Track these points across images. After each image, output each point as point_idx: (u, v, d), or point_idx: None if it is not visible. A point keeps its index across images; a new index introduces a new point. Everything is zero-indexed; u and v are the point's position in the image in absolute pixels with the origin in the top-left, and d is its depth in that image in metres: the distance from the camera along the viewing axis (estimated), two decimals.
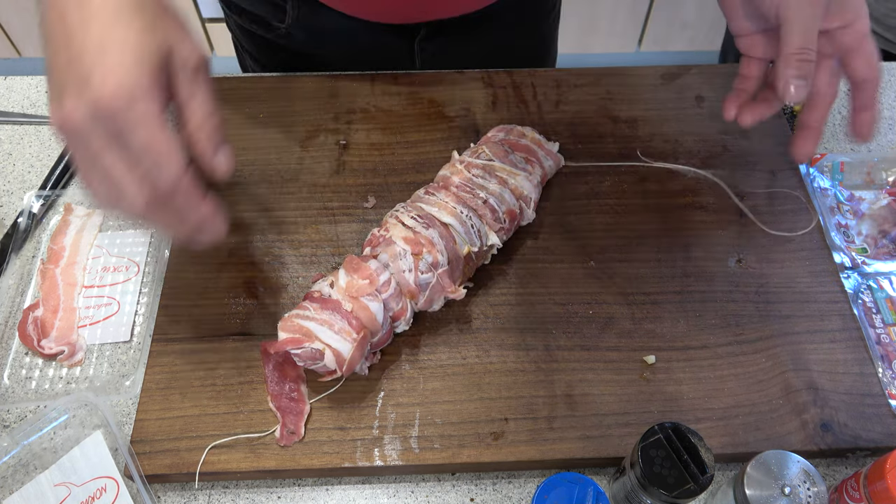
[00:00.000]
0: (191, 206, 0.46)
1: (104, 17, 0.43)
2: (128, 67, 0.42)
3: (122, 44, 0.43)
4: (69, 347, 0.61)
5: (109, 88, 0.42)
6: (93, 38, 0.43)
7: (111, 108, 0.42)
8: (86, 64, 0.42)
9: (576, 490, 0.52)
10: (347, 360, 0.55)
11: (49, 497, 0.55)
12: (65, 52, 0.43)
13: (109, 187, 0.45)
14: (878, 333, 0.62)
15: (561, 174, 0.71)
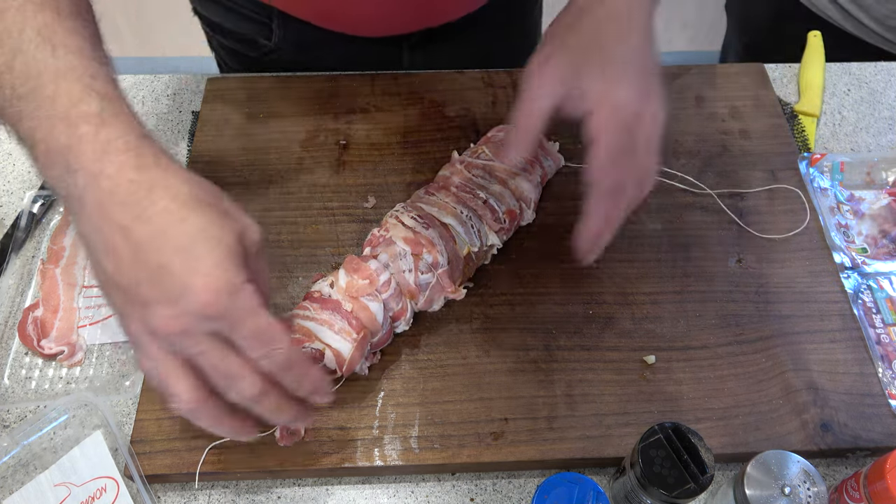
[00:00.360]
0: (304, 375, 0.47)
1: (179, 222, 0.42)
2: (222, 265, 0.42)
3: (205, 243, 0.42)
4: (69, 347, 0.61)
5: (210, 293, 0.42)
6: (172, 245, 0.42)
7: (218, 309, 0.42)
8: (176, 272, 0.42)
9: (576, 490, 0.52)
10: (347, 360, 0.55)
11: (49, 497, 0.55)
12: (138, 267, 0.42)
13: (221, 379, 0.45)
14: (878, 333, 0.62)
15: (561, 174, 0.71)
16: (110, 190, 0.42)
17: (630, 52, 0.54)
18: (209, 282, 0.42)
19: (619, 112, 0.52)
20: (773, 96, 0.78)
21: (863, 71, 0.83)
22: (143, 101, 0.80)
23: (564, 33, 0.55)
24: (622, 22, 0.55)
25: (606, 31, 0.54)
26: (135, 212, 0.42)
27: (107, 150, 0.43)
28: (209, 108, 0.76)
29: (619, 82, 0.53)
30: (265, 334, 0.44)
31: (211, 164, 0.71)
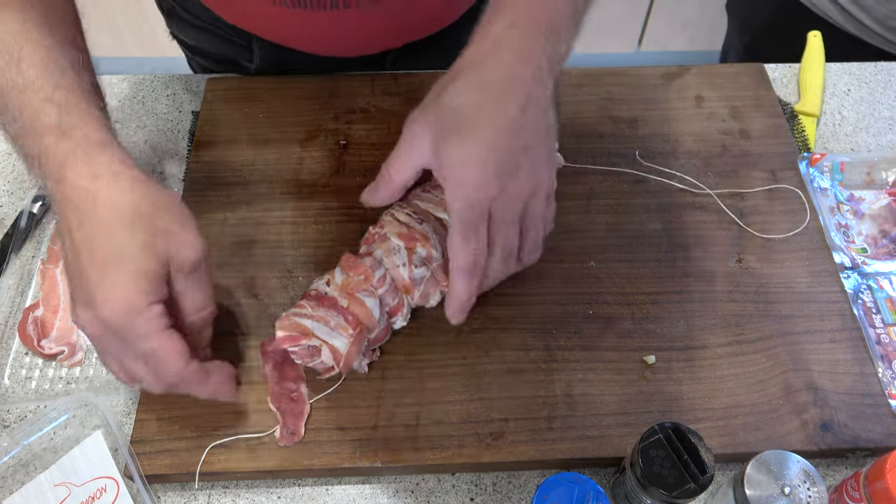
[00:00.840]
0: (199, 388, 0.51)
1: (105, 236, 0.47)
2: (126, 289, 0.46)
3: (119, 263, 0.46)
4: (69, 347, 0.61)
5: (109, 309, 0.46)
6: (96, 257, 0.46)
7: (114, 325, 0.47)
8: (91, 281, 0.46)
9: (576, 490, 0.52)
10: (344, 356, 0.55)
11: (49, 497, 0.55)
12: (75, 264, 0.47)
13: (128, 376, 0.50)
14: (878, 333, 0.62)
15: (561, 174, 0.71)
16: (67, 195, 0.47)
17: (494, 130, 0.51)
18: (109, 300, 0.46)
19: (469, 193, 0.51)
20: (773, 96, 0.78)
21: (863, 71, 0.83)
22: (143, 101, 0.80)
23: (437, 95, 0.53)
24: (495, 93, 0.51)
25: (475, 102, 0.51)
26: (79, 218, 0.47)
27: (66, 160, 0.47)
28: (209, 108, 0.76)
29: (471, 164, 0.50)
30: (158, 353, 0.48)
31: (211, 164, 0.71)
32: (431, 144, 0.52)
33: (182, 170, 0.73)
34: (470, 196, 0.51)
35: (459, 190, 0.51)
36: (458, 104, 0.51)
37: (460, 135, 0.51)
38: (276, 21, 0.72)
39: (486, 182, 0.50)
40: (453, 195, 0.51)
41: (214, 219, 0.68)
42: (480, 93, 0.51)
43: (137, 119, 0.78)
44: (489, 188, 0.51)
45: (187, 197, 0.69)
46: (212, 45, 0.82)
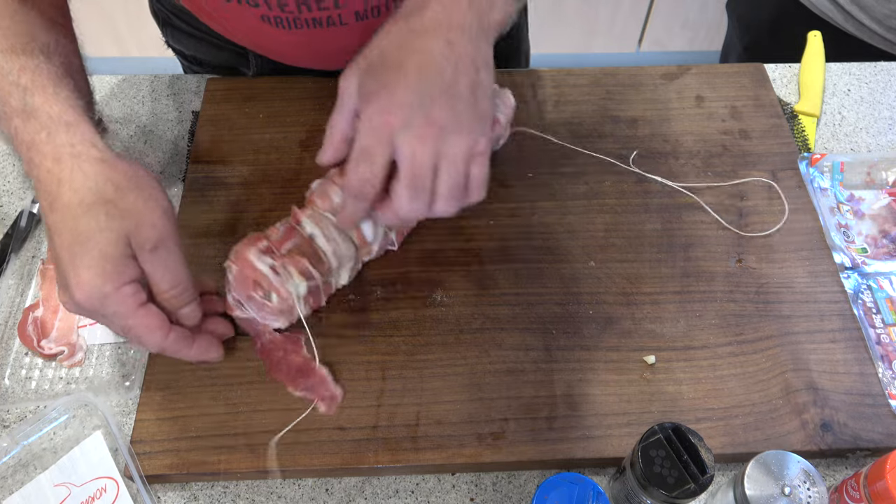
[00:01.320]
0: (183, 354, 0.54)
1: (71, 219, 0.48)
2: (92, 274, 0.48)
3: (84, 248, 0.48)
4: (69, 347, 0.61)
5: (81, 293, 0.48)
6: (64, 241, 0.48)
7: (88, 308, 0.49)
8: (63, 264, 0.48)
9: (576, 490, 0.52)
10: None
11: (49, 497, 0.55)
12: (52, 246, 0.49)
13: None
14: (878, 333, 0.62)
15: (561, 174, 0.71)
16: (37, 177, 0.49)
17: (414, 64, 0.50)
18: (81, 284, 0.48)
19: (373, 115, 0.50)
20: (773, 96, 0.78)
21: (863, 71, 0.83)
22: (142, 101, 0.80)
23: (371, 45, 0.53)
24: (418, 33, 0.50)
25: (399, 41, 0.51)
26: (48, 201, 0.49)
27: (34, 141, 0.49)
28: (209, 108, 0.76)
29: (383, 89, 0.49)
30: (134, 330, 0.50)
31: (211, 164, 0.71)
32: (357, 86, 0.52)
33: (182, 170, 0.73)
34: (373, 119, 0.50)
35: (366, 112, 0.50)
36: (383, 46, 0.52)
37: (381, 69, 0.51)
38: (269, 38, 0.72)
39: (391, 106, 0.49)
40: (361, 123, 0.50)
41: (214, 219, 0.67)
42: (405, 34, 0.52)
43: (137, 119, 0.78)
44: (394, 115, 0.49)
45: (187, 197, 0.69)
46: (208, 54, 0.82)
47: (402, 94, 0.49)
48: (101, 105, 0.79)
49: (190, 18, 0.79)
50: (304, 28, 0.68)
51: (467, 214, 0.68)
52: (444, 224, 0.67)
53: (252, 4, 0.66)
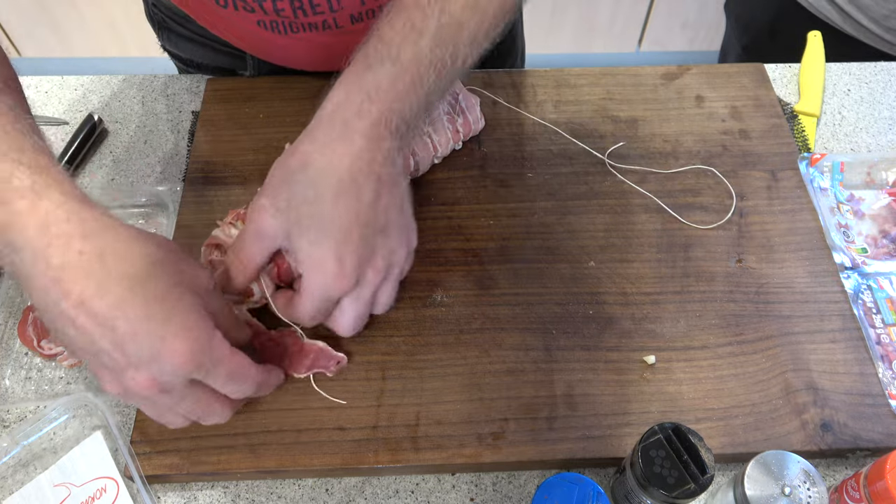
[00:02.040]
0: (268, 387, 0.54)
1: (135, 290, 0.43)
2: (188, 325, 0.44)
3: (168, 305, 0.44)
4: None
5: (186, 353, 0.44)
6: (136, 314, 0.42)
7: (194, 366, 0.45)
8: (143, 339, 0.43)
9: (576, 490, 0.52)
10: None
11: (49, 497, 0.55)
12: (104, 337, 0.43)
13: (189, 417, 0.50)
14: (878, 333, 0.62)
15: (561, 174, 0.71)
16: (61, 265, 0.42)
17: (350, 221, 0.51)
18: (181, 344, 0.43)
19: (328, 284, 0.52)
20: (773, 96, 0.78)
21: (863, 71, 0.83)
22: (143, 101, 0.80)
23: (286, 181, 0.52)
24: (349, 181, 0.51)
25: (329, 193, 0.51)
26: (91, 285, 0.42)
27: (48, 222, 0.42)
28: (209, 108, 0.76)
29: (329, 260, 0.51)
30: (237, 375, 0.48)
31: (211, 165, 0.71)
32: (284, 233, 0.53)
33: (182, 170, 0.73)
34: (328, 287, 0.52)
35: (318, 280, 0.52)
36: (311, 196, 0.51)
37: (317, 229, 0.51)
38: (266, 42, 0.72)
39: (342, 275, 0.52)
40: (311, 283, 0.52)
41: (214, 219, 0.67)
42: (334, 183, 0.51)
43: (137, 119, 0.78)
44: (346, 281, 0.52)
45: (187, 197, 0.69)
46: (206, 57, 0.82)
47: (347, 258, 0.51)
48: (101, 105, 0.79)
49: (187, 22, 0.79)
50: (301, 32, 0.69)
51: (467, 214, 0.68)
52: (444, 224, 0.67)
53: (248, 10, 0.66)
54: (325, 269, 0.52)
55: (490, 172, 0.71)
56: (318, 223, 0.51)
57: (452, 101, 0.71)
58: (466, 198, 0.69)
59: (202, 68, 0.84)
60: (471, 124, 0.71)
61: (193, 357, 0.44)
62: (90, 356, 0.44)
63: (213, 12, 0.69)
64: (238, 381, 0.49)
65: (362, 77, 0.53)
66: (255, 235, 0.54)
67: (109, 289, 0.42)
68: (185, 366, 0.44)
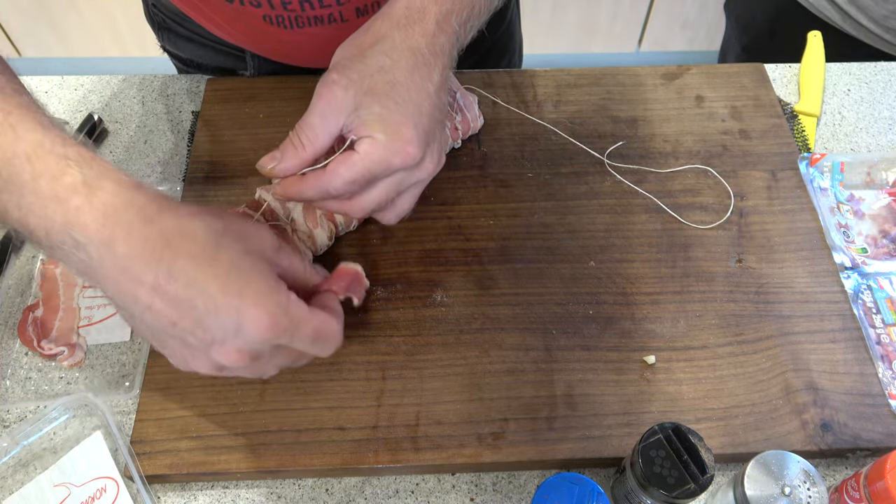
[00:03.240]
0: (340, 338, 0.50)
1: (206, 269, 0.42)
2: (264, 291, 0.43)
3: (242, 276, 0.43)
4: (69, 347, 0.61)
5: (267, 319, 0.43)
6: (212, 290, 0.42)
7: (278, 332, 0.44)
8: (224, 313, 0.42)
9: (576, 490, 0.52)
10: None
11: (49, 497, 0.55)
12: (183, 318, 0.42)
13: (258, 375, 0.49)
14: (878, 333, 0.62)
15: (561, 174, 0.71)
16: (127, 254, 0.41)
17: (423, 97, 0.50)
18: (260, 312, 0.42)
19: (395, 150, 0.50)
20: (773, 96, 0.78)
21: (863, 71, 0.83)
22: (142, 101, 0.80)
23: (359, 56, 0.51)
24: (424, 61, 0.50)
25: (406, 66, 0.50)
26: (161, 270, 0.41)
27: (107, 213, 0.41)
28: (209, 108, 0.76)
29: (405, 125, 0.49)
30: (321, 333, 0.46)
31: (211, 165, 0.71)
32: (354, 104, 0.50)
33: (182, 170, 0.73)
34: (394, 153, 0.49)
35: (383, 146, 0.49)
36: (387, 65, 0.49)
37: (393, 97, 0.49)
38: (270, 38, 0.72)
39: (412, 144, 0.49)
40: (374, 148, 0.49)
41: None
42: (410, 55, 0.50)
43: (137, 119, 0.78)
44: (413, 151, 0.50)
45: (187, 197, 0.69)
46: (205, 57, 0.82)
47: (418, 132, 0.50)
48: (101, 105, 0.79)
49: (186, 22, 0.79)
50: (306, 26, 0.68)
51: (467, 214, 0.68)
52: (444, 224, 0.67)
53: (254, 5, 0.65)
54: (397, 134, 0.49)
55: (490, 172, 0.71)
56: (394, 90, 0.49)
57: (450, 99, 0.71)
58: (466, 198, 0.69)
59: (202, 68, 0.84)
60: (469, 122, 0.71)
61: (274, 324, 0.43)
62: (172, 339, 0.44)
63: (219, 8, 0.69)
64: (323, 341, 0.47)
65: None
66: (323, 110, 0.50)
67: (182, 271, 0.42)
68: (266, 333, 0.43)
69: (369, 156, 0.50)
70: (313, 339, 0.46)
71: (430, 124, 0.50)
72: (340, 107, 0.50)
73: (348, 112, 0.50)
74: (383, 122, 0.49)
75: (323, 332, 0.47)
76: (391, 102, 0.49)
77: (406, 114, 0.49)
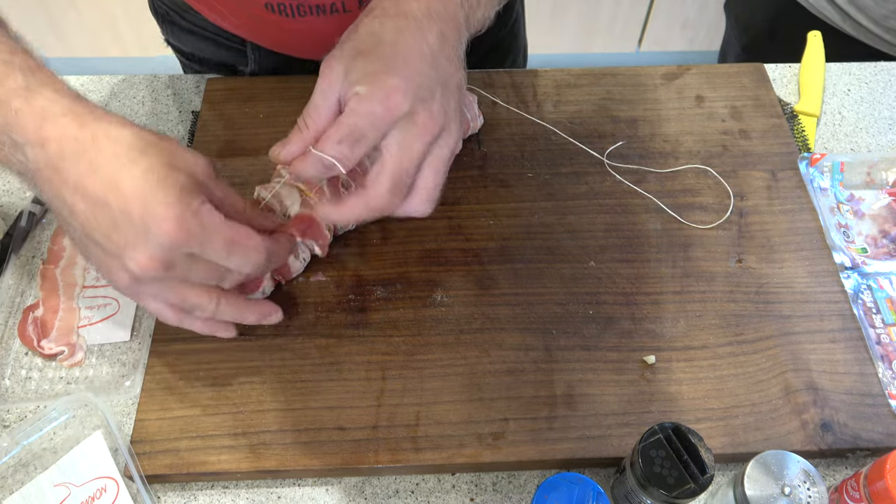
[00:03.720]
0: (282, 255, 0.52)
1: (127, 169, 0.43)
2: (175, 194, 0.44)
3: (157, 179, 0.43)
4: (69, 347, 0.61)
5: (174, 219, 0.43)
6: (127, 192, 0.43)
7: (185, 234, 0.44)
8: (135, 213, 0.43)
9: (576, 490, 0.52)
10: None
11: (49, 497, 0.55)
12: (101, 218, 0.44)
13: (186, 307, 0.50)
14: (878, 333, 0.62)
15: (561, 174, 0.71)
16: (58, 153, 0.43)
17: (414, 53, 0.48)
18: (168, 211, 0.43)
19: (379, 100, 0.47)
20: (773, 96, 0.78)
21: (863, 71, 0.83)
22: (143, 101, 0.80)
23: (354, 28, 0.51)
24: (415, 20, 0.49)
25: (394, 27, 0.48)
26: (84, 165, 0.43)
27: (45, 116, 0.44)
28: (209, 108, 0.76)
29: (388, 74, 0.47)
30: (237, 243, 0.46)
31: None
32: (344, 70, 0.49)
33: None
34: (372, 100, 0.47)
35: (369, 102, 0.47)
36: (376, 29, 0.49)
37: (379, 52, 0.48)
38: (271, 27, 0.72)
39: (397, 93, 0.46)
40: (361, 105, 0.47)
41: None
42: (400, 19, 0.49)
43: (137, 119, 0.78)
44: (399, 102, 0.47)
45: None
46: (207, 51, 0.82)
47: (404, 81, 0.47)
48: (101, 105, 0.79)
49: (189, 14, 0.79)
50: (308, 15, 0.68)
51: (467, 214, 0.68)
52: (444, 224, 0.67)
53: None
54: (379, 83, 0.47)
55: (490, 172, 0.71)
56: (379, 47, 0.48)
57: None
58: (466, 198, 0.69)
59: (204, 63, 0.84)
60: (469, 121, 0.71)
61: (180, 226, 0.43)
62: (95, 246, 0.45)
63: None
64: (240, 252, 0.46)
65: None
66: (322, 88, 0.50)
67: (101, 167, 0.43)
68: (173, 235, 0.43)
69: (354, 111, 0.48)
70: (227, 249, 0.46)
71: (424, 81, 0.48)
72: (336, 79, 0.49)
73: (340, 79, 0.49)
74: (367, 76, 0.48)
75: (238, 243, 0.46)
76: (375, 58, 0.48)
77: (391, 66, 0.47)
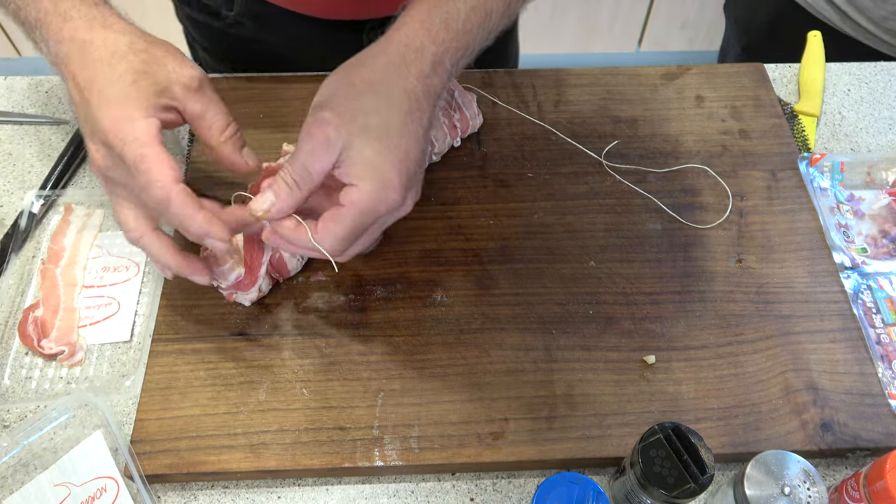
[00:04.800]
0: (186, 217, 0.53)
1: (105, 67, 0.51)
2: (123, 103, 0.50)
3: (120, 83, 0.50)
4: (69, 347, 0.61)
5: (112, 119, 0.50)
6: (97, 87, 0.50)
7: (116, 138, 0.49)
8: (94, 108, 0.50)
9: (576, 490, 0.52)
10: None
11: (49, 497, 0.55)
12: (83, 107, 0.51)
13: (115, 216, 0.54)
14: (878, 333, 0.62)
15: (561, 174, 0.71)
16: (67, 51, 0.51)
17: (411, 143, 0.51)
18: (111, 112, 0.50)
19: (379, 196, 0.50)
20: (773, 96, 0.78)
21: (863, 71, 0.83)
22: None
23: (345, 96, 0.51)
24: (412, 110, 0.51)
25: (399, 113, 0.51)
26: (79, 62, 0.51)
27: (66, 18, 0.51)
28: None
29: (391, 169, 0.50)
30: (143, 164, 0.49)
31: (211, 164, 0.71)
32: (344, 144, 0.50)
33: (182, 170, 0.73)
34: (380, 200, 0.50)
35: (372, 192, 0.50)
36: (381, 107, 0.50)
37: (386, 141, 0.50)
38: None
39: (397, 190, 0.50)
40: (362, 194, 0.50)
41: None
42: (405, 101, 0.51)
43: None
44: (397, 197, 0.51)
45: None
46: None
47: (398, 176, 0.50)
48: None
49: None
50: None
51: (467, 214, 0.68)
52: (444, 224, 0.67)
53: None
54: (384, 182, 0.50)
55: (490, 172, 0.71)
56: (388, 135, 0.50)
57: (448, 97, 0.71)
58: (466, 198, 0.69)
59: (193, 6, 0.83)
60: (468, 120, 0.71)
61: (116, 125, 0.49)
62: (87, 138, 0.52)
63: None
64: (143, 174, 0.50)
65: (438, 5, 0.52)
66: (315, 150, 0.50)
67: (88, 66, 0.51)
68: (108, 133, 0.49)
69: (357, 206, 0.50)
70: (134, 163, 0.49)
71: (415, 168, 0.51)
72: (333, 146, 0.50)
73: (339, 151, 0.50)
74: (372, 169, 0.50)
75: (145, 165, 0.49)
76: (383, 148, 0.50)
77: (395, 160, 0.50)
